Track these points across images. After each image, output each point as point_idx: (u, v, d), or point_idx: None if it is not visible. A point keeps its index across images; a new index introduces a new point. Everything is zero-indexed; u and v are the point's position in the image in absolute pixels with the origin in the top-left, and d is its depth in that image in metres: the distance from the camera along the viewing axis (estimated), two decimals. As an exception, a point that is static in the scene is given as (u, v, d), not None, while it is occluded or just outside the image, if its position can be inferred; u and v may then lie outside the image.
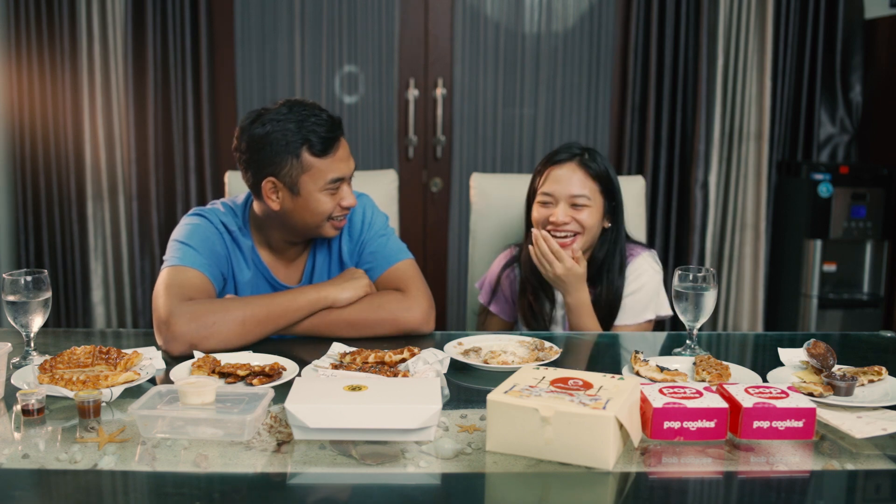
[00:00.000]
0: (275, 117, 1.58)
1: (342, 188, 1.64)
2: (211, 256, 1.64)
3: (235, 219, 1.72)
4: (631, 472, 1.01)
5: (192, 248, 1.62)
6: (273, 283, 1.73)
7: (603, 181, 1.82)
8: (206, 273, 1.60)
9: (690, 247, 3.28)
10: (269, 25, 3.28)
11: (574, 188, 1.79)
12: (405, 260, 1.75)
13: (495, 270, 2.01)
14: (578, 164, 1.81)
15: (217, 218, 1.70)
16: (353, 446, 1.07)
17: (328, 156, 1.59)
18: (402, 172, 3.34)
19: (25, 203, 3.12)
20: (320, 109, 1.62)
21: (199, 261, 1.60)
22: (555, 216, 1.79)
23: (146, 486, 0.98)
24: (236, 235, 1.71)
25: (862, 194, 3.17)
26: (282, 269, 1.75)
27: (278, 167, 1.58)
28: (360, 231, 1.76)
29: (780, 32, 3.25)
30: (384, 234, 1.77)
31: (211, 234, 1.67)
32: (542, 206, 1.83)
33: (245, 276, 1.72)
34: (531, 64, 3.37)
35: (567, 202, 1.79)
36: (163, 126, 3.15)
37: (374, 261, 1.74)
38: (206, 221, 1.68)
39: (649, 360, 1.37)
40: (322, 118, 1.59)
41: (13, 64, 3.04)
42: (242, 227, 1.72)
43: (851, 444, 1.10)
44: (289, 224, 1.65)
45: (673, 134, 3.28)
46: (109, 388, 1.23)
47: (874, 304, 3.26)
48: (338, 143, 1.61)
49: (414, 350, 1.41)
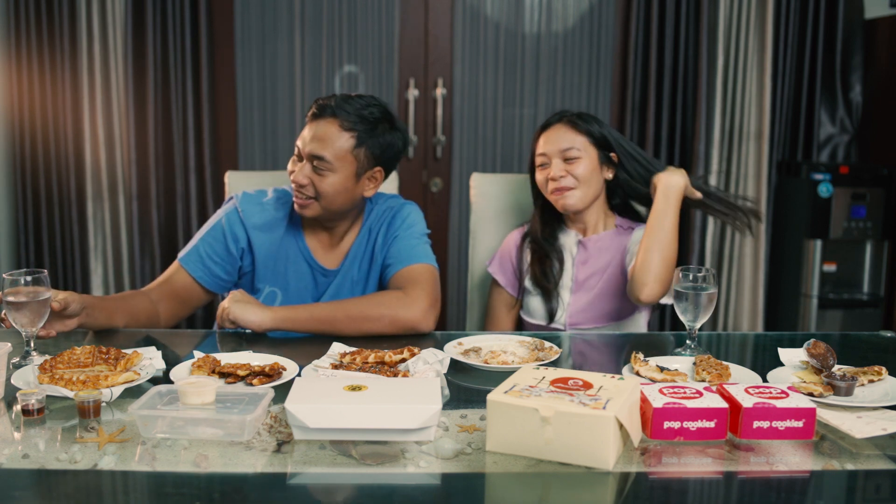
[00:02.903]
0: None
1: (299, 163, 1.72)
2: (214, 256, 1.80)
3: (286, 198, 1.84)
4: (631, 472, 1.01)
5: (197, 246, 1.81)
6: (312, 263, 1.83)
7: (591, 134, 1.91)
8: (196, 276, 1.79)
9: (690, 247, 3.28)
10: (269, 25, 3.28)
11: (563, 143, 1.89)
12: (424, 263, 1.77)
13: (508, 243, 2.06)
14: (566, 122, 1.92)
15: (250, 205, 1.82)
16: (353, 446, 1.07)
17: (306, 125, 1.73)
18: (402, 172, 3.34)
19: (25, 203, 3.12)
20: (347, 95, 1.73)
21: (196, 265, 1.79)
22: (551, 173, 1.90)
23: (146, 486, 0.98)
24: (276, 216, 1.82)
25: (862, 194, 3.17)
26: (322, 252, 1.84)
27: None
28: (397, 227, 1.83)
29: (780, 32, 3.25)
30: (416, 236, 1.82)
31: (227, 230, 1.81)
32: (540, 170, 1.94)
33: (282, 256, 1.82)
34: (531, 64, 3.37)
35: (559, 157, 1.89)
36: (163, 126, 3.14)
37: (396, 257, 1.79)
38: (227, 216, 1.82)
39: (649, 360, 1.37)
40: (331, 98, 1.72)
41: (13, 64, 3.04)
42: (291, 209, 1.83)
43: (851, 444, 1.10)
44: None
45: (673, 134, 3.27)
46: (109, 388, 1.23)
47: (874, 304, 3.26)
48: (314, 120, 1.71)
49: (414, 350, 1.41)
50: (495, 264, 2.06)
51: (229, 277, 1.83)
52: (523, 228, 2.06)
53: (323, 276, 1.84)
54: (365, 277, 1.85)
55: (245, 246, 1.81)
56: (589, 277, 1.93)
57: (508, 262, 2.04)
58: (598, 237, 1.94)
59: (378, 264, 1.84)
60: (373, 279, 1.86)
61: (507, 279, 2.03)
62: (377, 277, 1.86)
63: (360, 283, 1.85)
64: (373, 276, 1.85)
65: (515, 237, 2.05)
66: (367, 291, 1.85)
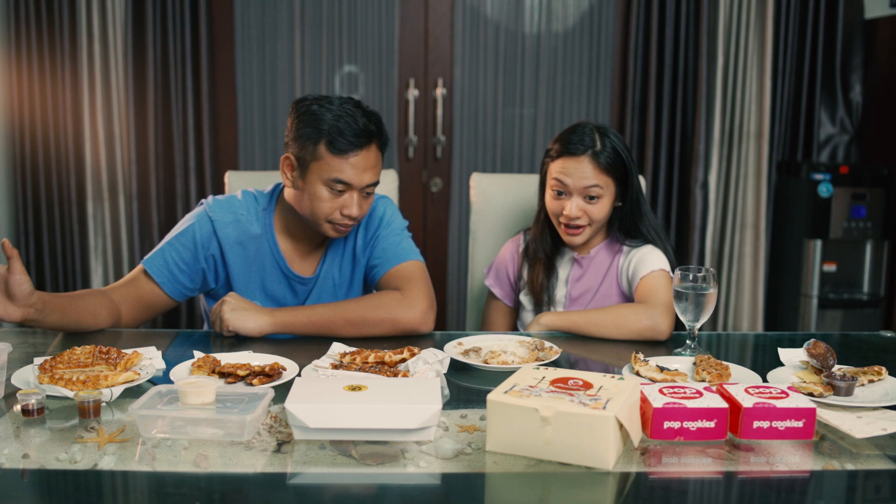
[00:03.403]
0: (323, 103, 1.63)
1: (348, 195, 1.64)
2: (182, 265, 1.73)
3: (256, 205, 1.78)
4: (631, 472, 1.01)
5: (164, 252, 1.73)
6: (287, 272, 1.77)
7: (615, 170, 1.82)
8: (163, 287, 1.72)
9: (690, 247, 3.28)
10: (269, 25, 3.28)
11: (587, 181, 1.81)
12: (413, 260, 1.76)
13: (503, 254, 2.04)
14: (591, 157, 1.81)
15: (223, 213, 1.75)
16: (353, 446, 1.07)
17: (341, 156, 1.61)
18: (402, 172, 3.34)
19: (25, 203, 3.12)
20: (365, 115, 1.63)
21: (162, 273, 1.71)
22: (567, 210, 1.82)
23: (146, 486, 0.98)
24: (248, 225, 1.75)
25: (862, 194, 3.17)
26: (297, 260, 1.79)
27: (301, 147, 1.64)
28: (376, 227, 1.79)
29: (780, 32, 3.25)
30: (398, 233, 1.79)
31: (197, 238, 1.73)
32: (555, 196, 1.85)
33: (257, 264, 1.76)
34: (531, 64, 3.37)
35: (579, 195, 1.82)
36: (163, 126, 3.14)
37: (382, 257, 1.76)
38: (198, 223, 1.74)
39: (649, 360, 1.37)
40: (357, 122, 1.61)
41: (13, 64, 3.04)
42: (265, 212, 1.77)
43: (851, 444, 1.10)
44: (295, 207, 1.71)
45: (673, 134, 3.28)
46: (109, 388, 1.23)
47: (874, 304, 3.26)
48: (357, 151, 1.62)
49: (414, 350, 1.41)
50: (492, 276, 2.04)
51: (193, 286, 1.75)
52: (518, 238, 2.04)
53: (300, 285, 1.79)
54: (348, 280, 1.82)
55: (217, 255, 1.75)
56: (582, 294, 1.92)
57: (504, 274, 2.02)
58: (591, 254, 1.93)
59: (361, 265, 1.81)
60: (357, 281, 1.83)
61: (503, 291, 2.03)
62: (361, 279, 1.83)
63: (342, 286, 1.82)
64: (357, 278, 1.82)
65: (510, 248, 2.03)
66: (351, 294, 1.82)
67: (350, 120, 1.61)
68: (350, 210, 1.64)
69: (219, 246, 1.74)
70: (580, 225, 1.84)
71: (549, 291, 1.94)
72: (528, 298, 1.97)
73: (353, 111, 1.63)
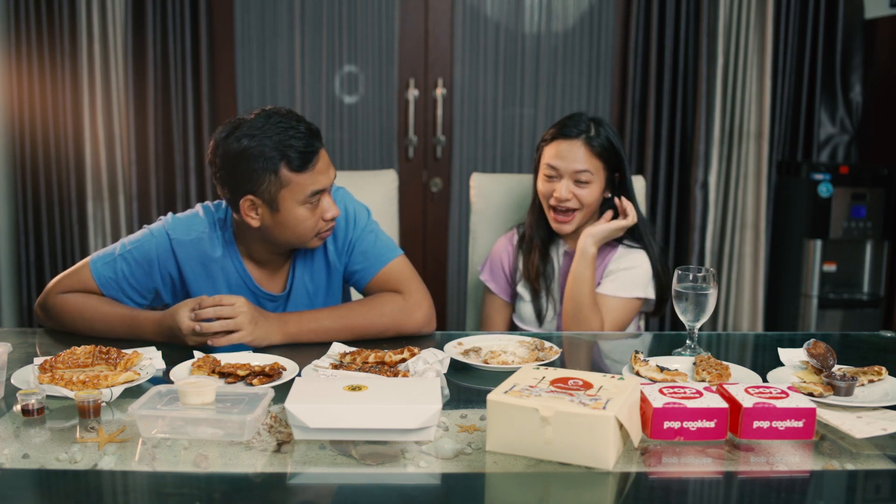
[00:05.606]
0: (250, 131, 1.52)
1: (323, 200, 1.58)
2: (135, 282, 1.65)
3: (216, 223, 1.68)
4: (631, 472, 1.01)
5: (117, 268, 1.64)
6: (256, 291, 1.69)
7: (606, 158, 1.87)
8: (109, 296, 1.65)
9: (690, 247, 3.28)
10: (269, 26, 3.28)
11: (578, 164, 1.85)
12: (397, 258, 1.72)
13: (497, 249, 2.05)
14: (584, 141, 1.86)
15: (182, 231, 1.66)
16: (353, 446, 1.07)
17: (307, 170, 1.53)
18: (402, 172, 3.34)
19: (25, 203, 3.12)
20: (298, 120, 1.56)
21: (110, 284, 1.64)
22: (558, 192, 1.86)
23: (146, 486, 0.98)
24: (209, 245, 1.66)
25: (862, 194, 3.17)
26: (265, 279, 1.71)
27: (256, 184, 1.53)
28: (344, 230, 1.70)
29: (780, 32, 3.25)
30: (371, 230, 1.73)
31: (153, 257, 1.65)
32: (546, 180, 1.90)
33: (222, 283, 1.67)
34: (531, 64, 3.37)
35: (570, 178, 1.86)
36: (163, 126, 3.14)
37: (365, 261, 1.70)
38: (156, 241, 1.66)
39: (649, 360, 1.37)
40: (300, 131, 1.53)
41: (13, 64, 3.04)
42: (227, 231, 1.68)
43: (851, 444, 1.10)
44: (270, 239, 1.62)
45: (673, 133, 3.27)
46: (109, 388, 1.23)
47: (874, 304, 3.26)
48: (317, 156, 1.55)
49: (414, 350, 1.41)
50: (486, 272, 2.05)
51: (142, 301, 1.68)
52: (511, 233, 2.05)
53: (270, 302, 1.71)
54: (324, 289, 1.74)
55: (174, 274, 1.66)
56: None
57: (499, 269, 2.03)
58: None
59: (338, 272, 1.73)
60: (335, 287, 1.76)
61: (499, 286, 2.04)
62: (339, 284, 1.76)
63: (318, 294, 1.74)
64: (334, 285, 1.75)
65: (504, 242, 2.04)
66: (329, 301, 1.75)
67: (291, 132, 1.52)
68: (331, 212, 1.59)
69: (177, 266, 1.66)
70: (570, 209, 1.86)
71: (545, 278, 1.95)
72: (526, 288, 1.98)
73: (285, 122, 1.54)
